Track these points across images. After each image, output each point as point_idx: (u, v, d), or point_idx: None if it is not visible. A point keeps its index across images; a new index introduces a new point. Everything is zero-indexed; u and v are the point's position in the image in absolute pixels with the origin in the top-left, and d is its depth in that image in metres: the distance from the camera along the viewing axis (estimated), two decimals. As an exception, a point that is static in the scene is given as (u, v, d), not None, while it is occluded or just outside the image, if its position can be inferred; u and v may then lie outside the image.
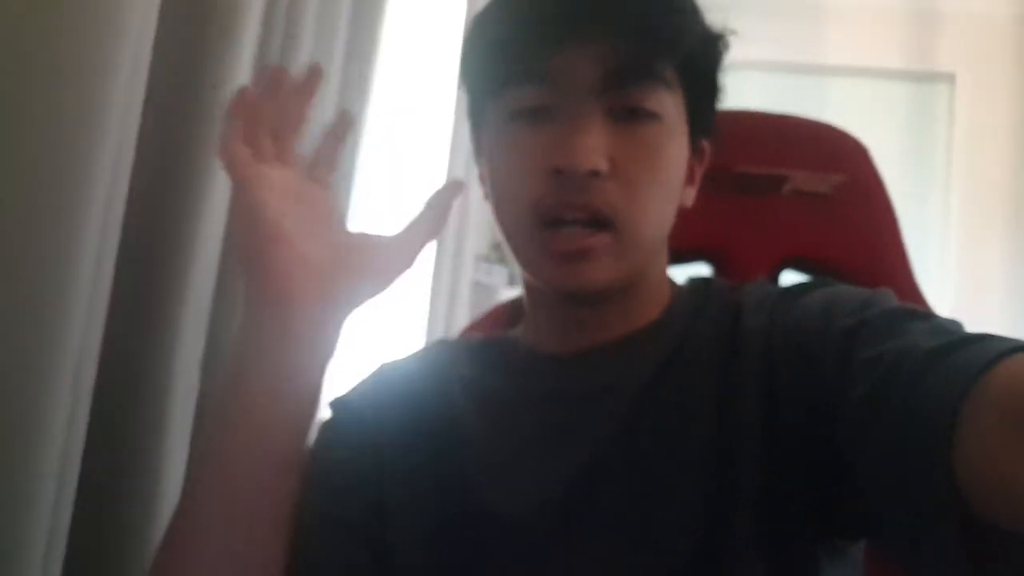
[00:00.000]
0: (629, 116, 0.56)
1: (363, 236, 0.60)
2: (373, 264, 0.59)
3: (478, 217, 2.00)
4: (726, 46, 0.61)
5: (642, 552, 0.53)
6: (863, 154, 0.86)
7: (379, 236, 0.60)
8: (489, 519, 0.57)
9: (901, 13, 2.63)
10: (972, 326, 0.49)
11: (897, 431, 0.44)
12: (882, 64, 2.64)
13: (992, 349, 0.42)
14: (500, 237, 0.62)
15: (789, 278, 0.79)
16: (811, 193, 0.84)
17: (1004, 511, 0.38)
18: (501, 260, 2.09)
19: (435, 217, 0.61)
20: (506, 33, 0.57)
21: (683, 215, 0.62)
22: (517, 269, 0.64)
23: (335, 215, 0.60)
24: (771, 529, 0.52)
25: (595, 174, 0.54)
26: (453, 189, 0.62)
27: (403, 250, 0.60)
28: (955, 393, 0.41)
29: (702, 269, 0.82)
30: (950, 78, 2.63)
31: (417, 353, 0.69)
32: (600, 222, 0.55)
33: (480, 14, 0.61)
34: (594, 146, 0.54)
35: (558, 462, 0.57)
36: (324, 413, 0.65)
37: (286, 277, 0.55)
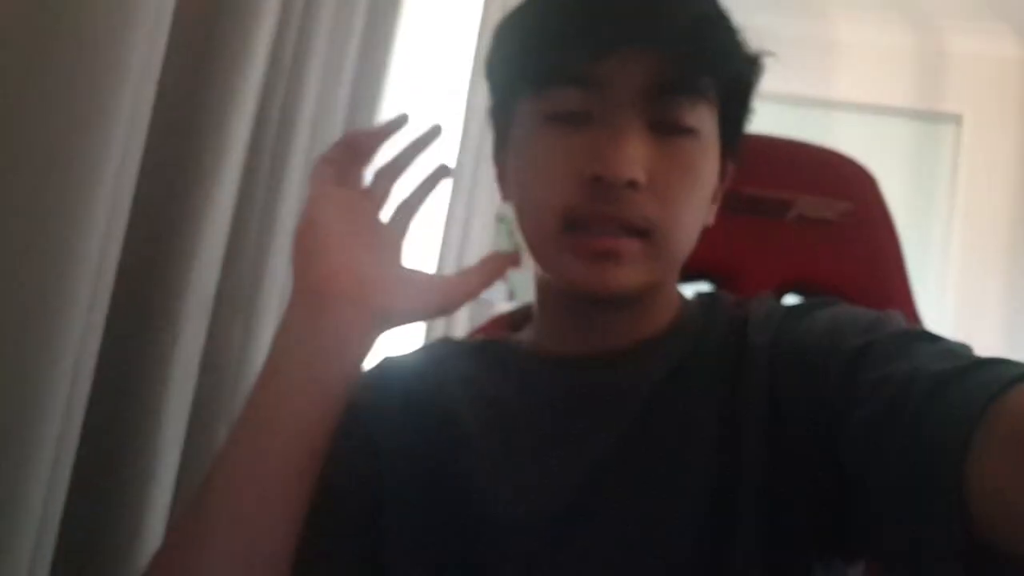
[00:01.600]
0: (669, 129, 0.55)
1: (413, 271, 0.63)
2: (415, 293, 0.61)
3: (479, 232, 2.00)
4: (762, 70, 0.60)
5: (643, 560, 0.53)
6: (870, 182, 0.86)
7: (430, 275, 0.63)
8: (487, 522, 0.57)
9: (910, 52, 2.65)
10: (975, 355, 0.48)
11: (905, 455, 0.44)
12: (890, 102, 2.66)
13: (1003, 375, 0.42)
14: (519, 237, 0.61)
15: (790, 300, 0.79)
16: (817, 219, 0.84)
17: (1012, 537, 0.38)
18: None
19: (488, 273, 0.64)
20: (549, 31, 0.56)
21: None
22: (516, 285, 0.64)
23: (391, 246, 0.64)
24: (771, 543, 0.52)
25: (633, 185, 0.53)
26: (508, 260, 0.65)
27: (449, 292, 0.62)
28: (966, 419, 0.41)
29: (707, 288, 0.82)
30: (957, 119, 2.64)
31: (420, 349, 0.69)
32: (631, 229, 0.55)
33: (518, 8, 0.59)
34: (635, 156, 0.53)
35: (559, 467, 0.57)
36: None
37: (328, 278, 0.58)
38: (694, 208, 0.57)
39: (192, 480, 0.90)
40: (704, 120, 0.56)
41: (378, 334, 0.60)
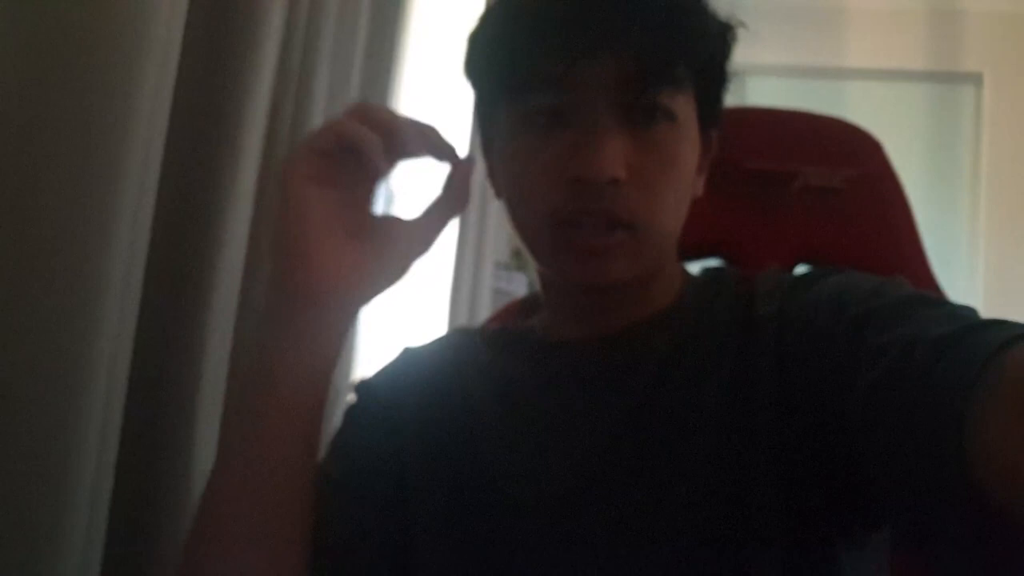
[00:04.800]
0: (645, 119, 0.56)
1: (386, 221, 0.57)
2: (393, 252, 0.56)
3: (497, 224, 2.01)
4: (734, 37, 0.60)
5: (657, 536, 0.54)
6: (875, 148, 0.86)
7: (400, 219, 0.57)
8: (504, 502, 0.58)
9: (924, 13, 2.61)
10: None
11: (908, 418, 0.44)
12: (905, 66, 2.61)
13: (1004, 334, 0.42)
14: (514, 233, 0.62)
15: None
16: (823, 188, 0.84)
17: (1014, 498, 0.38)
18: (521, 267, 2.10)
19: (455, 196, 0.57)
20: (519, 36, 0.56)
21: (697, 213, 0.62)
22: (536, 276, 0.65)
23: (381, 236, 0.56)
24: (787, 514, 0.52)
25: (615, 182, 0.54)
26: (468, 166, 0.57)
27: (423, 232, 0.57)
28: (966, 380, 0.41)
29: (714, 263, 0.82)
30: (976, 78, 2.59)
31: (438, 339, 0.71)
32: (618, 223, 0.55)
33: (488, 11, 0.60)
34: (614, 155, 0.54)
35: (570, 447, 0.58)
36: (350, 397, 0.68)
37: (318, 283, 0.54)
38: (678, 192, 0.58)
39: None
40: (681, 105, 0.57)
41: (360, 310, 0.58)
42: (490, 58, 0.60)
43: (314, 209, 0.53)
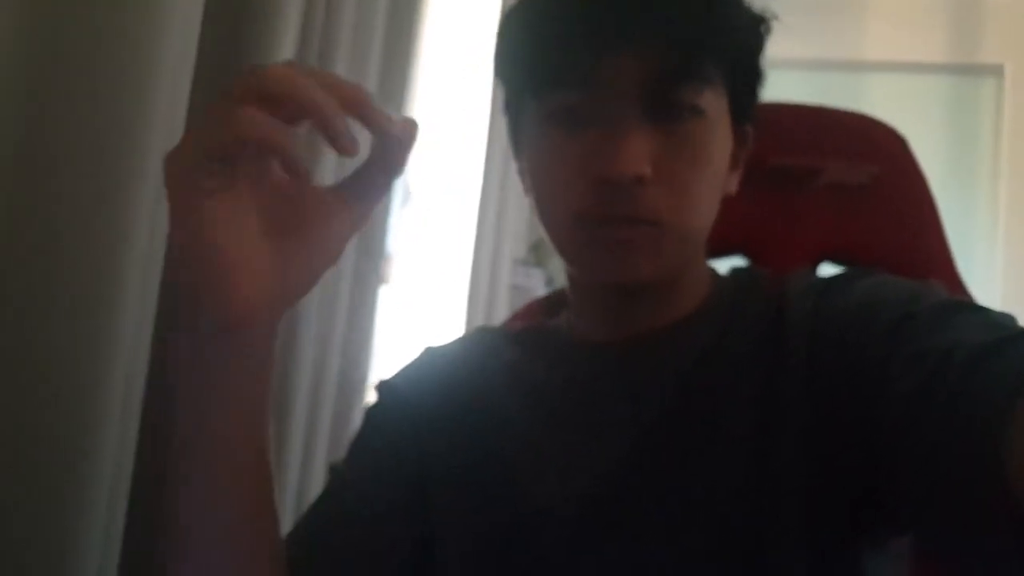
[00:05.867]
0: (672, 115, 0.55)
1: (306, 201, 0.45)
2: (322, 236, 0.46)
3: (515, 220, 2.01)
4: (768, 30, 0.59)
5: (684, 540, 0.54)
6: (900, 143, 0.85)
7: (322, 193, 0.46)
8: (530, 505, 0.58)
9: (944, 4, 2.58)
10: (1022, 323, 0.48)
11: (946, 427, 0.43)
12: (925, 58, 2.58)
13: None
14: (542, 231, 0.61)
15: (828, 272, 0.79)
16: (847, 184, 0.83)
17: None
18: (539, 263, 2.09)
19: (392, 159, 0.45)
20: (546, 31, 0.56)
21: (720, 210, 0.61)
22: (554, 272, 0.65)
23: (316, 228, 0.46)
24: (813, 518, 0.52)
25: (640, 181, 0.53)
26: (413, 127, 0.45)
27: (356, 203, 0.46)
28: (1005, 392, 0.40)
29: (740, 264, 0.82)
30: (998, 70, 2.56)
31: (460, 338, 0.71)
32: (644, 221, 0.55)
33: (513, 8, 0.59)
34: (638, 153, 0.53)
35: (598, 450, 0.58)
36: (371, 396, 0.68)
37: (244, 312, 0.44)
38: (708, 188, 0.57)
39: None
40: (710, 100, 0.56)
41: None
42: (515, 56, 0.59)
43: (215, 225, 0.41)
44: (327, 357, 1.15)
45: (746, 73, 0.59)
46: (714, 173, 0.57)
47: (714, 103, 0.56)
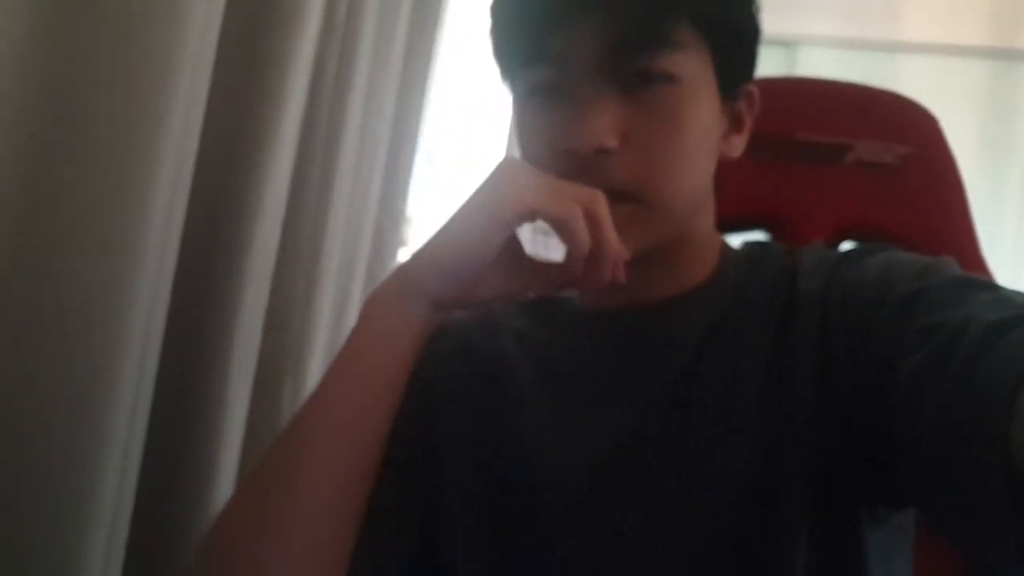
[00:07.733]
0: (641, 83, 0.54)
1: (524, 260, 0.61)
2: (514, 283, 0.60)
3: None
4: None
5: (688, 508, 0.54)
6: (932, 124, 0.84)
7: (536, 262, 0.61)
8: (537, 473, 0.58)
9: (984, -14, 2.51)
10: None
11: (954, 403, 0.43)
12: (963, 41, 2.53)
13: None
14: None
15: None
16: (875, 163, 0.82)
17: None
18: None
19: (580, 270, 0.55)
20: (512, 11, 0.58)
21: (744, 184, 0.60)
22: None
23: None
24: (817, 492, 0.52)
25: (604, 151, 0.53)
26: (617, 268, 0.57)
27: (544, 278, 0.60)
28: (1016, 370, 0.40)
29: (760, 237, 0.81)
30: (1038, 56, 2.50)
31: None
32: (620, 194, 0.54)
33: None
34: (599, 124, 0.53)
35: (605, 418, 0.58)
36: None
37: (456, 297, 0.60)
38: (688, 156, 0.56)
39: (259, 435, 0.95)
40: (680, 64, 0.55)
41: None
42: (495, 38, 0.61)
43: (494, 251, 0.56)
44: (346, 316, 1.16)
45: (729, 33, 0.58)
46: (693, 138, 0.56)
47: (690, 68, 0.55)
